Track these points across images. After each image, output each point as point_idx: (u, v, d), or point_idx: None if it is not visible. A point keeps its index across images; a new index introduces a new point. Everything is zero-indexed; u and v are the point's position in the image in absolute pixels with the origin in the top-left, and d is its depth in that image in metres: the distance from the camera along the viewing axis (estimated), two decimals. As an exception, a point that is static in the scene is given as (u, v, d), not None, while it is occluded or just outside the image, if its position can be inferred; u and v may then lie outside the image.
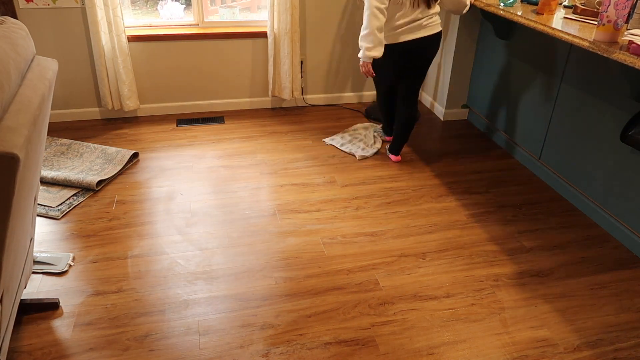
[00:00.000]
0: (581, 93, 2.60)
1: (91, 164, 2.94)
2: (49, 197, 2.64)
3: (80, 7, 3.20)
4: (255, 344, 1.81)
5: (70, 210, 2.56)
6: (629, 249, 2.38)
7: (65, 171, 2.83)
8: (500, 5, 2.77)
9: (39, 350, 1.75)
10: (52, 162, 2.96)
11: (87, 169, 2.88)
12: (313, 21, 3.65)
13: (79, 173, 2.82)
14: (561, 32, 2.25)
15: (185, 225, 2.46)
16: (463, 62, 3.56)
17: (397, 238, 2.40)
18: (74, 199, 2.64)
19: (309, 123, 3.65)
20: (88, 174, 2.82)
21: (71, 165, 2.92)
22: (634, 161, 2.32)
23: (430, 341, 1.84)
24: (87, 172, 2.85)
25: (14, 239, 1.37)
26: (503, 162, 3.17)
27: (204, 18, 3.57)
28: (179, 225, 2.47)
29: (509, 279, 2.16)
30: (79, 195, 2.67)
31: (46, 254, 2.19)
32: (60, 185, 2.75)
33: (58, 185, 2.75)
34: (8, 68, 1.28)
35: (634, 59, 1.87)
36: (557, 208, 2.69)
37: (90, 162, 2.96)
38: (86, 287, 2.05)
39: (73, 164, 2.93)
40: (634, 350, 1.83)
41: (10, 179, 1.16)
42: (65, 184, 2.74)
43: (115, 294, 2.01)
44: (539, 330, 1.90)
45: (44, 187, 2.73)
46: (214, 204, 2.65)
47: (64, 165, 2.92)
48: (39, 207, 2.54)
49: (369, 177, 2.93)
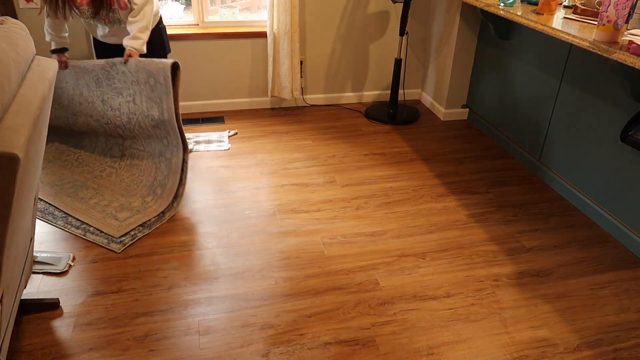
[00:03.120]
0: (581, 93, 2.60)
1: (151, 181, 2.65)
2: (115, 225, 2.39)
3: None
4: (255, 344, 1.80)
5: (133, 242, 2.32)
6: (629, 249, 2.38)
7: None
8: (500, 5, 2.77)
9: (39, 350, 1.75)
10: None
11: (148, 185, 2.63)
12: (313, 21, 3.65)
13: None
14: (561, 32, 2.25)
15: (186, 225, 2.46)
16: (463, 62, 3.56)
17: (397, 238, 2.40)
18: (139, 230, 2.38)
19: (309, 123, 3.65)
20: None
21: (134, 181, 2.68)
22: (634, 161, 2.32)
23: (430, 341, 1.84)
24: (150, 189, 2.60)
25: (14, 239, 1.37)
26: (503, 162, 3.17)
27: (204, 18, 3.57)
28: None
29: (509, 279, 2.16)
30: (145, 227, 2.41)
31: (46, 254, 2.19)
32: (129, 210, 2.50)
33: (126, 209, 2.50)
34: (8, 68, 1.28)
35: (634, 59, 1.87)
36: (557, 208, 2.69)
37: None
38: (86, 287, 2.05)
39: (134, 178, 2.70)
40: (634, 350, 1.83)
41: (10, 179, 1.16)
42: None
43: (115, 294, 2.01)
44: (539, 330, 1.90)
45: (112, 210, 2.49)
46: (214, 203, 2.64)
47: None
48: (95, 234, 2.34)
49: (369, 177, 2.93)
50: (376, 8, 3.70)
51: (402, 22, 3.49)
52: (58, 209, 2.50)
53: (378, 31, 3.80)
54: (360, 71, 3.94)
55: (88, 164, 2.82)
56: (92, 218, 2.44)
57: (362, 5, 3.67)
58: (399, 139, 3.43)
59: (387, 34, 3.82)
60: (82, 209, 2.51)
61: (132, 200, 2.56)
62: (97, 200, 2.56)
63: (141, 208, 2.51)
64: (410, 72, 4.01)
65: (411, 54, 3.93)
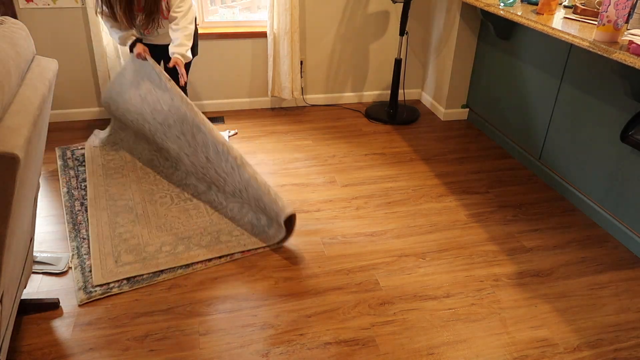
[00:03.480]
0: (581, 93, 2.60)
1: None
2: (107, 269, 2.10)
3: (80, 7, 3.20)
4: (255, 344, 1.81)
5: (97, 300, 1.97)
6: (629, 249, 2.38)
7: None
8: (500, 5, 2.77)
9: (39, 350, 1.75)
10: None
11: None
12: (313, 21, 3.65)
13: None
14: (561, 32, 2.25)
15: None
16: (463, 62, 3.56)
17: (397, 238, 2.40)
18: (121, 285, 2.06)
19: (309, 123, 3.65)
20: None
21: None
22: (634, 161, 2.32)
23: (430, 341, 1.84)
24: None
25: (14, 239, 1.37)
26: (503, 162, 3.17)
27: (204, 18, 3.57)
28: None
29: (509, 279, 2.16)
30: (131, 282, 2.07)
31: (46, 254, 2.19)
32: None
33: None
34: (8, 68, 1.28)
35: (634, 59, 1.87)
36: (557, 208, 2.69)
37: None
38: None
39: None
40: (634, 350, 1.83)
41: (10, 179, 1.16)
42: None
43: (115, 294, 2.01)
44: (539, 330, 1.90)
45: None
46: (214, 204, 2.64)
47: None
48: (76, 270, 2.11)
49: (369, 177, 2.93)
50: (376, 8, 3.70)
51: (402, 22, 3.49)
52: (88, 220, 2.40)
53: (378, 31, 3.80)
54: (360, 71, 3.94)
55: (157, 184, 2.72)
56: (95, 251, 2.21)
57: (362, 5, 3.67)
58: (399, 139, 3.43)
59: (387, 34, 3.82)
60: (105, 234, 2.32)
61: (154, 241, 2.29)
62: (124, 230, 2.36)
63: (150, 257, 2.20)
64: (410, 72, 4.01)
65: (411, 54, 3.93)
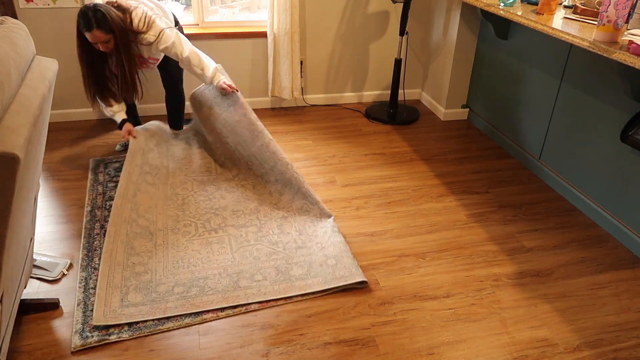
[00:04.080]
0: (581, 93, 2.60)
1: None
2: (108, 309, 1.85)
3: (80, 7, 3.20)
4: (255, 344, 1.80)
5: (92, 347, 1.78)
6: (629, 249, 2.38)
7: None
8: (500, 5, 2.77)
9: (39, 350, 1.75)
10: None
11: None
12: (313, 21, 3.65)
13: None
14: (561, 32, 2.25)
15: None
16: (463, 62, 3.56)
17: (397, 238, 2.40)
18: (121, 331, 1.82)
19: (309, 123, 3.65)
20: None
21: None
22: (634, 161, 2.32)
23: (430, 341, 1.84)
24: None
25: (14, 239, 1.37)
26: (503, 162, 3.17)
27: (204, 18, 3.57)
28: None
29: (509, 279, 2.16)
30: (132, 329, 1.83)
31: (45, 257, 2.16)
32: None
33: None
34: (8, 68, 1.28)
35: (634, 59, 1.87)
36: (557, 208, 2.69)
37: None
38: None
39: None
40: (634, 350, 1.83)
41: (10, 179, 1.16)
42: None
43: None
44: (539, 330, 1.90)
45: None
46: (214, 204, 2.64)
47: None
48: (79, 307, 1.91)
49: (369, 177, 2.93)
50: (376, 8, 3.70)
51: (402, 22, 3.49)
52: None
53: (378, 31, 3.80)
54: (360, 71, 3.94)
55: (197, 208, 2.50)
56: (103, 279, 2.00)
57: (362, 5, 3.67)
58: (399, 139, 3.43)
59: (387, 34, 3.82)
60: (118, 259, 2.11)
61: (167, 279, 2.04)
62: (138, 260, 2.13)
63: (160, 298, 1.95)
64: (410, 72, 4.01)
65: (411, 54, 3.93)
